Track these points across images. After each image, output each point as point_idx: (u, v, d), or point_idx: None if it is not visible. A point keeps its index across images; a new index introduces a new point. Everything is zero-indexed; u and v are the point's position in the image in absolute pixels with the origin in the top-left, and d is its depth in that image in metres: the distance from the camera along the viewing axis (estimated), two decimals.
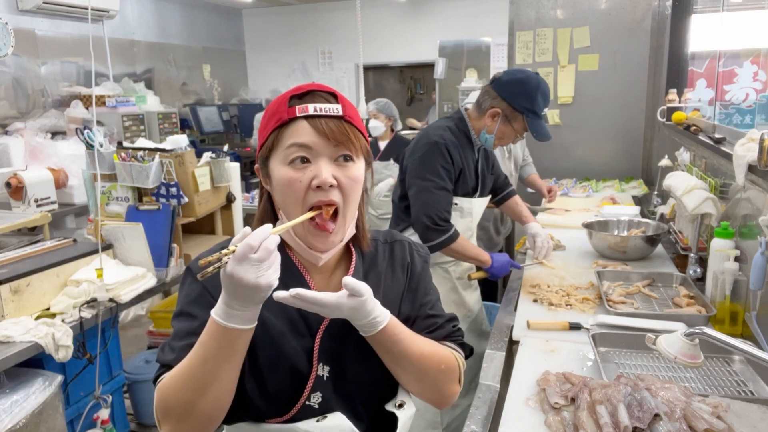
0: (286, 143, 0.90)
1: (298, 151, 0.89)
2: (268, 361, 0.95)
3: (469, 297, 2.39)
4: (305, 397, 0.96)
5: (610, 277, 2.07)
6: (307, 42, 7.61)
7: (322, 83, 0.98)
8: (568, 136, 4.28)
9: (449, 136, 2.16)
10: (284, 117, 0.91)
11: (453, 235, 2.13)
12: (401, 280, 1.07)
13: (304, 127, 0.90)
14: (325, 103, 0.91)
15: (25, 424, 1.76)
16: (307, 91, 0.93)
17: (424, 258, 1.12)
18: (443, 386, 1.02)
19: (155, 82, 6.30)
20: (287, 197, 0.92)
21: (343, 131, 0.90)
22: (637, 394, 1.14)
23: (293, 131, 0.90)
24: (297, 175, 0.90)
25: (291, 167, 0.90)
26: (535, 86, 2.04)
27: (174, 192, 2.53)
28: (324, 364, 0.97)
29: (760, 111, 2.41)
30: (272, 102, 0.96)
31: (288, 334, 0.96)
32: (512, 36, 4.36)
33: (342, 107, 0.92)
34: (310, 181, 0.89)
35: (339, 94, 0.95)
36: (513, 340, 1.67)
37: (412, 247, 1.12)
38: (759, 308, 1.52)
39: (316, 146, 0.89)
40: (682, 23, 3.56)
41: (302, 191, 0.90)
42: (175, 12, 6.67)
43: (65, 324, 1.95)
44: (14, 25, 4.35)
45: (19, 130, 4.35)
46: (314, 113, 0.90)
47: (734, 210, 1.86)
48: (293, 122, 0.90)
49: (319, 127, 0.89)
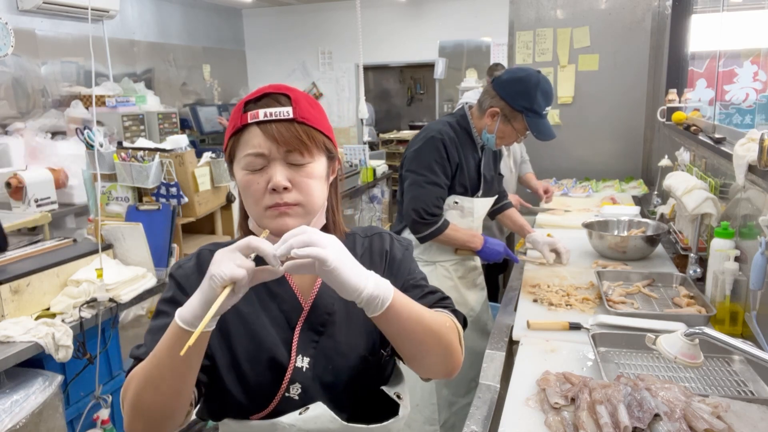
0: (242, 151, 0.93)
1: (252, 157, 0.92)
2: (248, 354, 0.97)
3: (472, 296, 2.39)
4: (284, 388, 0.97)
5: (610, 277, 2.07)
6: (307, 42, 7.61)
7: (281, 84, 0.98)
8: (568, 136, 4.28)
9: (448, 131, 2.16)
10: (238, 124, 0.93)
11: (441, 226, 2.17)
12: (379, 267, 1.06)
13: (257, 134, 0.91)
14: (276, 107, 0.92)
15: (25, 424, 1.76)
16: (261, 95, 0.94)
17: (405, 246, 1.12)
18: (451, 352, 0.96)
19: (155, 82, 6.30)
20: (247, 199, 0.95)
21: (294, 134, 0.91)
22: (637, 394, 1.14)
23: (247, 138, 0.92)
24: (253, 179, 0.92)
25: (248, 171, 0.93)
26: (535, 85, 2.00)
27: (174, 192, 2.53)
28: (303, 355, 0.99)
29: (760, 111, 2.41)
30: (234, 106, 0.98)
31: (268, 326, 0.98)
32: (512, 36, 4.36)
33: (293, 109, 0.92)
34: (266, 183, 0.91)
35: (293, 94, 0.95)
36: (513, 340, 1.67)
37: (392, 238, 1.12)
38: (759, 308, 1.52)
39: (269, 151, 0.91)
40: (682, 23, 3.56)
41: (260, 193, 0.92)
42: (175, 12, 6.67)
43: (65, 324, 1.95)
44: (14, 25, 4.35)
45: (19, 130, 4.35)
46: (264, 119, 0.91)
47: (734, 210, 1.86)
48: (247, 129, 0.92)
49: (270, 132, 0.90)
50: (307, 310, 1.00)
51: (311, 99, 0.98)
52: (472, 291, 2.40)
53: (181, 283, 0.99)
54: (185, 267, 1.02)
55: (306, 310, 1.00)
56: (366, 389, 1.04)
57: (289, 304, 1.01)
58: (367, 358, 1.02)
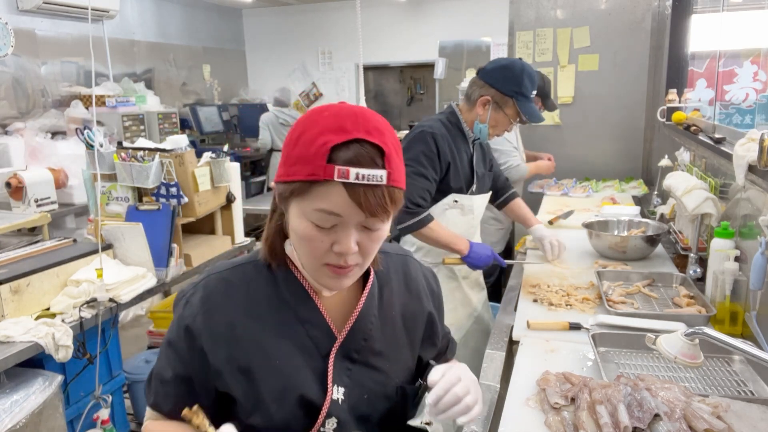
0: (313, 204, 0.80)
1: (325, 215, 0.80)
2: (275, 392, 0.89)
3: (474, 296, 2.39)
4: (320, 423, 0.90)
5: (610, 277, 2.07)
6: (307, 42, 7.61)
7: (363, 114, 0.82)
8: (568, 136, 4.28)
9: (439, 126, 2.17)
10: (319, 175, 0.77)
11: (424, 219, 2.11)
12: (420, 297, 1.05)
13: (340, 193, 0.78)
14: (370, 169, 0.78)
15: (25, 424, 1.76)
16: (351, 140, 0.78)
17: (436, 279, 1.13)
18: None
19: (155, 82, 6.30)
20: (303, 249, 0.86)
21: (383, 201, 0.79)
22: (637, 394, 1.14)
23: (325, 193, 0.79)
24: (318, 236, 0.82)
25: (313, 225, 0.82)
26: (520, 69, 2.06)
27: (174, 192, 2.53)
28: (339, 386, 0.92)
29: (760, 111, 2.42)
30: (305, 134, 0.81)
31: (297, 357, 0.91)
32: (512, 36, 4.36)
33: (388, 173, 0.79)
34: (331, 244, 0.83)
35: (386, 147, 0.80)
36: (513, 340, 1.67)
37: (421, 266, 1.10)
38: (759, 308, 1.52)
39: (347, 214, 0.80)
40: (682, 23, 3.56)
41: (320, 251, 0.83)
42: (175, 12, 6.67)
43: (65, 324, 1.95)
44: (14, 25, 4.35)
45: (19, 130, 4.35)
46: (355, 181, 0.77)
47: (734, 210, 1.86)
48: (327, 182, 0.78)
49: (356, 197, 0.78)
50: (342, 337, 0.93)
51: (397, 142, 0.84)
52: (475, 290, 2.41)
53: (186, 326, 0.91)
54: (192, 303, 0.92)
55: (341, 338, 0.93)
56: (400, 422, 0.99)
57: (319, 330, 0.92)
58: (404, 389, 0.98)
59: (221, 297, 0.92)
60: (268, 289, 0.93)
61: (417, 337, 1.04)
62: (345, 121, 0.79)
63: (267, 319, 0.91)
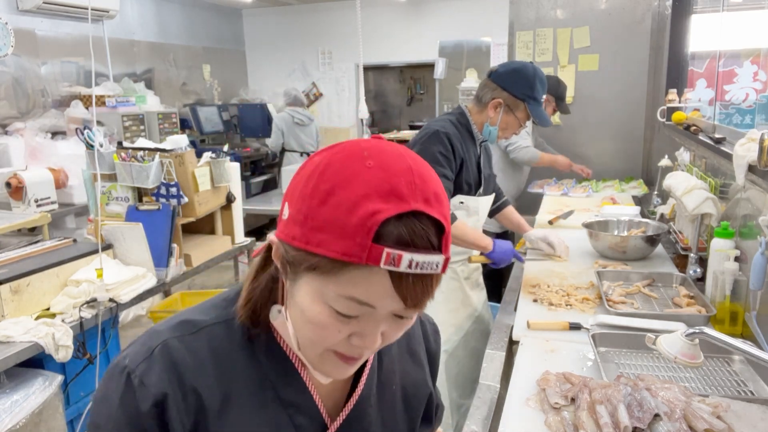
0: (341, 289, 0.60)
1: (356, 304, 0.61)
2: None
3: (475, 296, 2.40)
4: None
5: (610, 277, 2.07)
6: (307, 42, 7.61)
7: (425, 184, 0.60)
8: (568, 136, 4.28)
9: (451, 127, 2.17)
10: (360, 258, 0.57)
11: (451, 218, 2.12)
12: (422, 363, 0.89)
13: (383, 283, 0.58)
14: (426, 254, 0.58)
15: (25, 424, 1.76)
16: (407, 212, 0.58)
17: (439, 338, 0.95)
18: None
19: (155, 82, 6.30)
20: (308, 334, 0.66)
21: (431, 291, 0.61)
22: (637, 394, 1.14)
23: (362, 280, 0.59)
24: (336, 325, 0.63)
25: (333, 312, 0.62)
26: (533, 73, 2.08)
27: (174, 192, 2.53)
28: None
29: (760, 111, 2.41)
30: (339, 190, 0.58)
31: None
32: (512, 36, 4.37)
33: (446, 260, 0.60)
34: (349, 333, 0.64)
35: (446, 224, 0.61)
36: (513, 340, 1.67)
37: (424, 318, 0.93)
38: (759, 308, 1.52)
39: (383, 306, 0.61)
40: (682, 23, 3.56)
41: (332, 341, 0.65)
42: (175, 12, 6.67)
43: (65, 324, 1.95)
44: (14, 25, 4.35)
45: (19, 130, 4.35)
46: (407, 270, 0.57)
47: (734, 210, 1.86)
48: (367, 267, 0.57)
49: (402, 289, 0.59)
50: (335, 428, 0.75)
51: (447, 208, 0.63)
52: (475, 291, 2.41)
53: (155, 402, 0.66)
54: (150, 380, 0.67)
55: (334, 429, 0.75)
56: None
57: (307, 417, 0.73)
58: None
59: (190, 370, 0.69)
60: (245, 360, 0.72)
61: (417, 416, 0.88)
62: (398, 181, 0.58)
63: (242, 401, 0.70)
